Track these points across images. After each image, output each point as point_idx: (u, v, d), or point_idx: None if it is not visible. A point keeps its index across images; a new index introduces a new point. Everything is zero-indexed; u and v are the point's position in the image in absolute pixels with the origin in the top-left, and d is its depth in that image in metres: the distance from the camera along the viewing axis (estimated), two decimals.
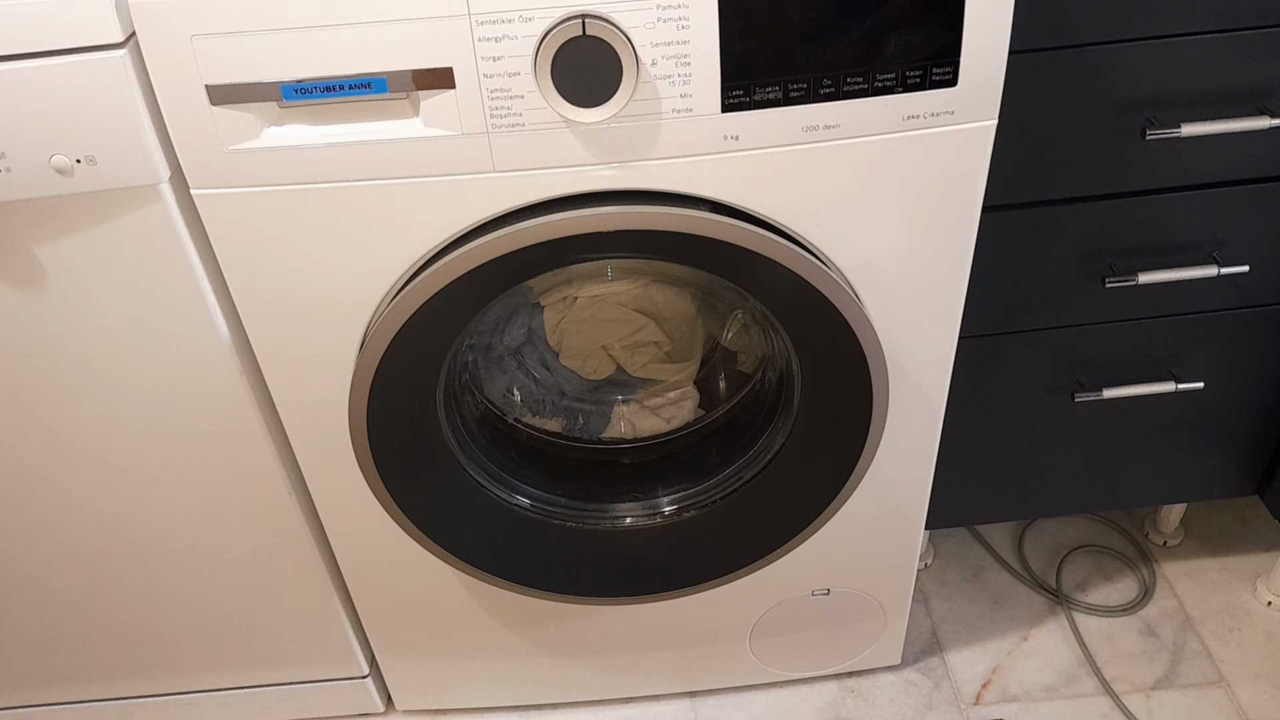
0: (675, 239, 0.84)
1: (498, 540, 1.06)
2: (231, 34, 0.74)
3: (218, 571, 1.12)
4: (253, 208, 0.83)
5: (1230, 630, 1.34)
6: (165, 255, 0.87)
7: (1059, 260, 1.02)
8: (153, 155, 0.80)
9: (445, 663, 1.24)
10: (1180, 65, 0.91)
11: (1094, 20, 0.88)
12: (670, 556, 1.09)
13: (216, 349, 0.93)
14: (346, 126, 0.79)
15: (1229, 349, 1.10)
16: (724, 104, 0.79)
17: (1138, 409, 1.13)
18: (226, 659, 1.23)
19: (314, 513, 1.07)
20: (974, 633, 1.37)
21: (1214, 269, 1.01)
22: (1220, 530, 1.47)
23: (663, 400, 1.16)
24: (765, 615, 1.21)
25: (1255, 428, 1.18)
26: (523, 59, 0.76)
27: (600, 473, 1.15)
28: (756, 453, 1.06)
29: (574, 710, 1.31)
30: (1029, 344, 1.09)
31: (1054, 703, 1.28)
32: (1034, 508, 1.34)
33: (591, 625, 1.20)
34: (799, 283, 0.86)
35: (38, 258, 0.87)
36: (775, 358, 1.07)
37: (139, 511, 1.06)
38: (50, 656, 1.21)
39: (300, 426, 0.98)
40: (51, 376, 0.95)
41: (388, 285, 0.88)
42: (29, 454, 1.01)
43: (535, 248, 0.83)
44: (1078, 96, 0.92)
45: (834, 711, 1.29)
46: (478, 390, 1.12)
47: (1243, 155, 0.97)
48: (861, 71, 0.78)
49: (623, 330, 1.11)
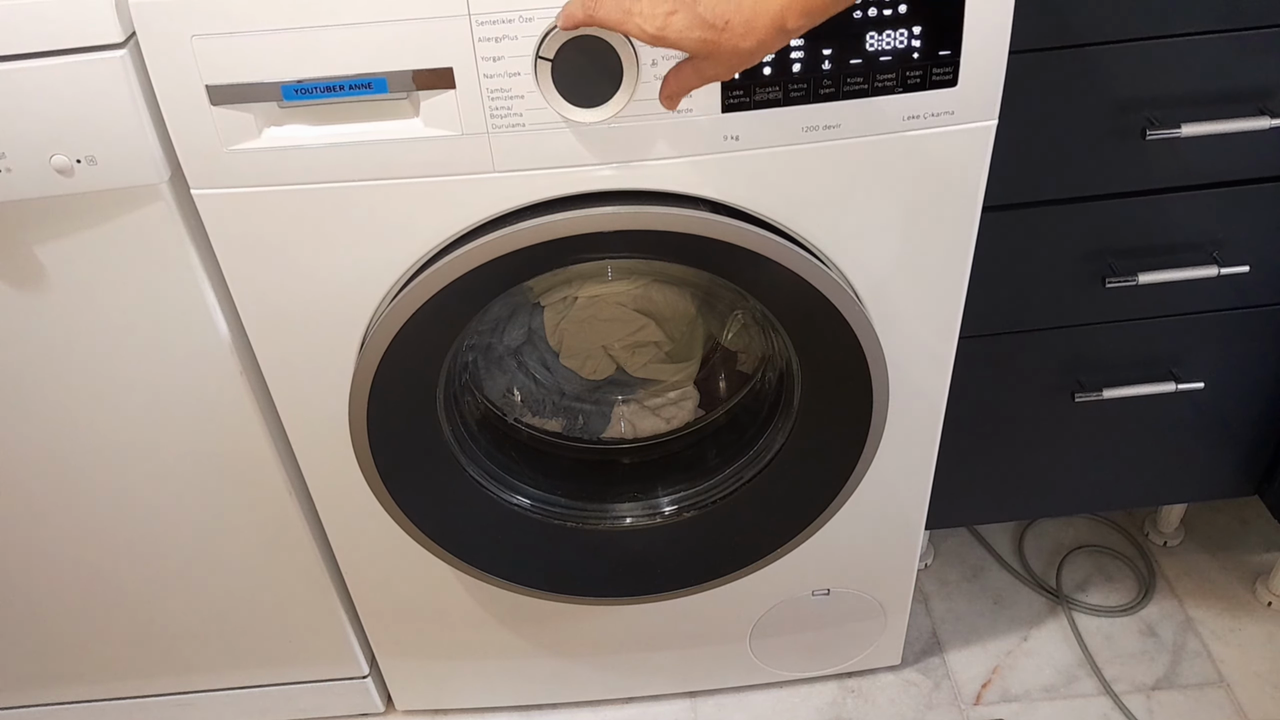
0: (675, 239, 0.84)
1: (498, 540, 1.06)
2: (231, 34, 0.74)
3: (218, 571, 1.12)
4: (253, 208, 0.83)
5: (1230, 630, 1.34)
6: (165, 255, 0.87)
7: (1059, 260, 1.02)
8: (153, 155, 0.80)
9: (445, 663, 1.24)
10: (1180, 65, 0.91)
11: (1094, 20, 0.88)
12: (670, 556, 1.09)
13: (216, 349, 0.93)
14: (346, 126, 0.79)
15: (1229, 349, 1.10)
16: (724, 104, 0.79)
17: (1138, 409, 1.13)
18: (226, 659, 1.23)
19: (314, 513, 1.07)
20: (974, 633, 1.37)
21: (1214, 269, 1.01)
22: (1220, 530, 1.47)
23: (663, 400, 1.16)
24: (765, 615, 1.21)
25: (1255, 428, 1.18)
26: (523, 59, 0.76)
27: (600, 473, 1.15)
28: (756, 453, 1.06)
29: (574, 710, 1.31)
30: (1029, 344, 1.09)
31: (1054, 703, 1.28)
32: (1034, 508, 1.34)
33: (591, 625, 1.20)
34: (799, 283, 0.86)
35: (38, 258, 0.87)
36: (775, 358, 1.07)
37: (139, 511, 1.06)
38: (50, 656, 1.21)
39: (300, 426, 0.98)
40: (51, 376, 0.95)
41: (388, 285, 0.88)
42: (29, 454, 1.01)
43: (535, 248, 0.83)
44: (1078, 96, 0.92)
45: (834, 711, 1.29)
46: (478, 390, 1.12)
47: (1243, 155, 0.97)
48: (861, 71, 0.78)
49: (623, 330, 1.11)
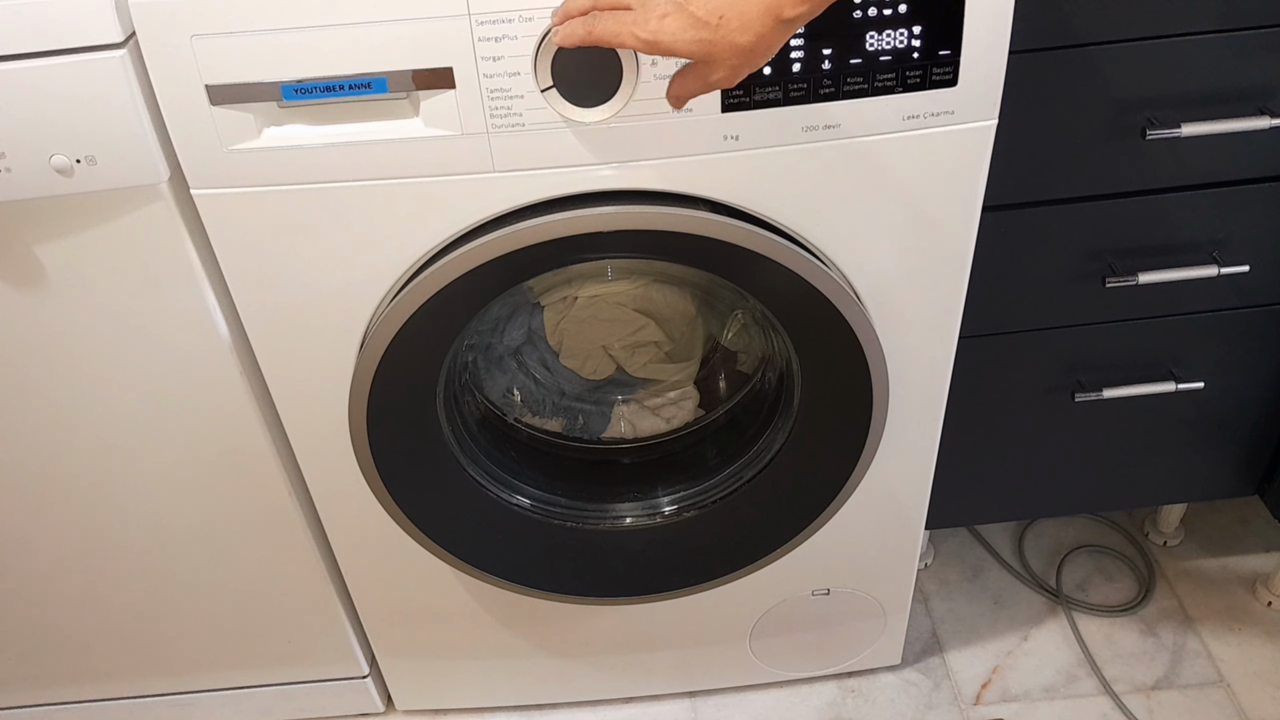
0: (675, 239, 0.84)
1: (498, 540, 1.06)
2: (231, 34, 0.74)
3: (218, 571, 1.12)
4: (253, 208, 0.83)
5: (1230, 630, 1.34)
6: (165, 255, 0.87)
7: (1059, 260, 1.02)
8: (153, 155, 0.80)
9: (445, 663, 1.24)
10: (1180, 65, 0.91)
11: (1094, 20, 0.88)
12: (670, 556, 1.09)
13: (216, 349, 0.93)
14: (346, 126, 0.79)
15: (1229, 349, 1.10)
16: (724, 104, 0.79)
17: (1137, 409, 1.13)
18: (226, 659, 1.23)
19: (314, 513, 1.07)
20: (974, 633, 1.37)
21: (1214, 269, 1.01)
22: (1220, 530, 1.47)
23: (663, 400, 1.16)
24: (765, 615, 1.21)
25: (1255, 428, 1.18)
26: (523, 59, 0.76)
27: (600, 473, 1.15)
28: (756, 453, 1.06)
29: (574, 710, 1.31)
30: (1029, 344, 1.08)
31: (1054, 703, 1.28)
32: (1034, 508, 1.34)
33: (591, 625, 1.20)
34: (799, 283, 0.86)
35: (38, 258, 0.87)
36: (775, 358, 1.07)
37: (139, 511, 1.06)
38: (50, 656, 1.21)
39: (300, 426, 0.98)
40: (51, 376, 0.95)
41: (388, 285, 0.88)
42: (29, 454, 1.01)
43: (535, 248, 0.83)
44: (1078, 96, 0.92)
45: (834, 711, 1.29)
46: (478, 390, 1.12)
47: (1243, 155, 0.96)
48: (861, 71, 0.78)
49: (623, 330, 1.11)
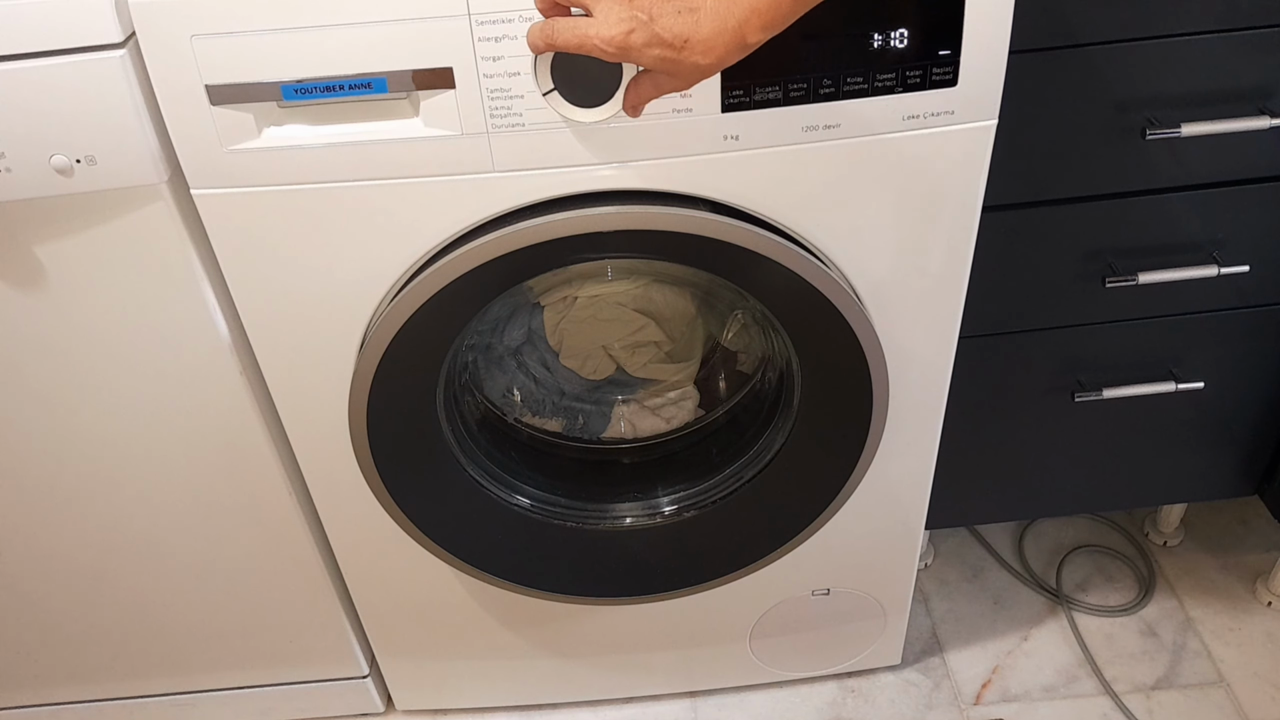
0: (675, 239, 0.84)
1: (498, 540, 1.06)
2: (231, 34, 0.74)
3: (218, 571, 1.12)
4: (253, 208, 0.83)
5: (1230, 630, 1.34)
6: (165, 255, 0.87)
7: (1059, 260, 1.02)
8: (152, 155, 0.80)
9: (445, 663, 1.24)
10: (1180, 65, 0.91)
11: (1094, 20, 0.88)
12: (670, 556, 1.09)
13: (216, 349, 0.93)
14: (346, 126, 0.79)
15: (1229, 349, 1.10)
16: (724, 104, 0.79)
17: (1137, 409, 1.13)
18: (226, 659, 1.23)
19: (314, 513, 1.07)
20: (974, 633, 1.37)
21: (1214, 269, 1.01)
22: (1220, 530, 1.47)
23: (663, 400, 1.16)
24: (765, 615, 1.21)
25: (1255, 428, 1.18)
26: (523, 59, 0.76)
27: (600, 473, 1.15)
28: (756, 453, 1.06)
29: (574, 710, 1.31)
30: (1029, 344, 1.08)
31: (1054, 703, 1.28)
32: (1034, 508, 1.34)
33: (591, 625, 1.20)
34: (799, 283, 0.86)
35: (38, 258, 0.87)
36: (775, 358, 1.07)
37: (139, 511, 1.06)
38: (50, 656, 1.21)
39: (300, 426, 0.98)
40: (51, 376, 0.95)
41: (388, 285, 0.88)
42: (29, 454, 1.01)
43: (535, 248, 0.83)
44: (1078, 96, 0.92)
45: (834, 711, 1.29)
46: (478, 390, 1.12)
47: (1243, 155, 0.97)
48: (861, 71, 0.78)
49: (623, 330, 1.11)
